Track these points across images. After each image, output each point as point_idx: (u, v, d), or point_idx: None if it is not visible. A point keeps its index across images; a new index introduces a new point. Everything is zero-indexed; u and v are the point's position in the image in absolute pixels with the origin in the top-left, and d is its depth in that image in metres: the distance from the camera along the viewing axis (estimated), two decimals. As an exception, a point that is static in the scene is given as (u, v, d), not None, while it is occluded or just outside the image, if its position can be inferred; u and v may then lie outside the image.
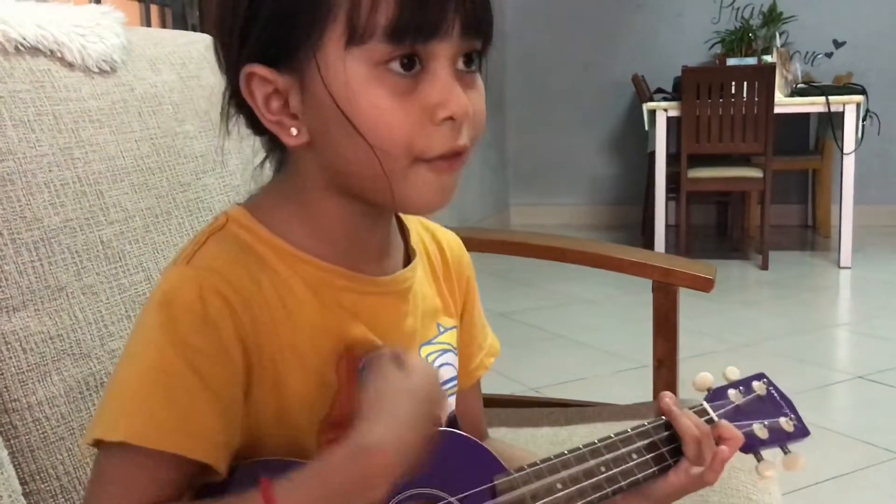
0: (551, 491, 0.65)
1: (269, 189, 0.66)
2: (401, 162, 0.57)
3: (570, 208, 5.71)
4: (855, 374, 2.68)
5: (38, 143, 0.83)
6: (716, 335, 3.04)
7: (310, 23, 0.56)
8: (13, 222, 0.78)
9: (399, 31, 0.54)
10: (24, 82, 0.84)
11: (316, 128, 0.59)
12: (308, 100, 0.58)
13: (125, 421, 0.55)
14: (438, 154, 0.58)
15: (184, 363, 0.55)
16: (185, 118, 1.03)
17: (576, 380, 2.64)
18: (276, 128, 0.60)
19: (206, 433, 0.56)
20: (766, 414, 0.78)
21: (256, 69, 0.58)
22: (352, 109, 0.56)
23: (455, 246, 0.78)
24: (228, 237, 0.62)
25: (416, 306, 0.70)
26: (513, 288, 3.84)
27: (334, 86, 0.56)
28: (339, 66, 0.56)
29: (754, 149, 4.10)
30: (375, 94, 0.56)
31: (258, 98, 0.59)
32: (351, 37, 0.55)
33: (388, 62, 0.56)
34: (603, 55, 5.52)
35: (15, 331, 0.77)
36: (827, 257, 4.42)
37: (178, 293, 0.57)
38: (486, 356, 0.82)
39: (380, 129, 0.56)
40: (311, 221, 0.63)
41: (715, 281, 1.17)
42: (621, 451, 0.69)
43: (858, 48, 5.14)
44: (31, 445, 0.77)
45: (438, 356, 0.71)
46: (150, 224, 0.93)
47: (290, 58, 0.57)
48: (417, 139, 0.57)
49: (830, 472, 1.99)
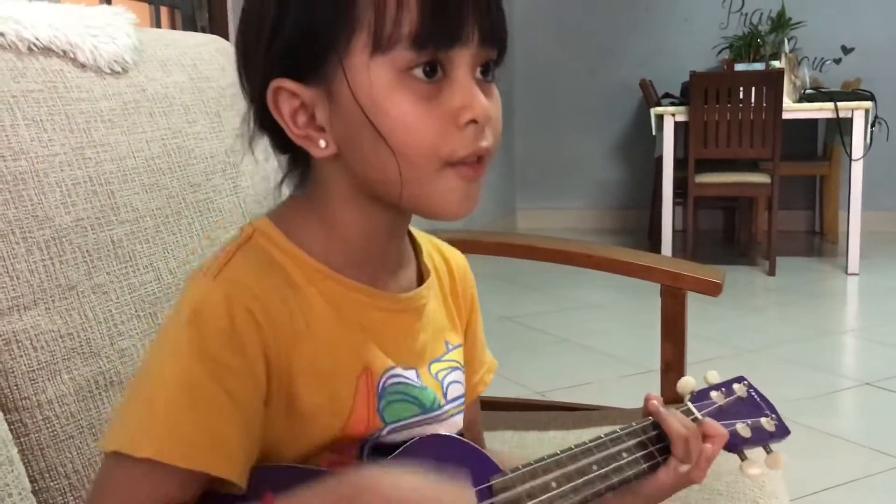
0: (546, 489, 0.66)
1: (293, 202, 0.66)
2: (429, 167, 0.59)
3: (576, 212, 5.71)
4: (862, 381, 2.67)
5: (50, 142, 0.83)
6: (722, 340, 3.03)
7: (336, 33, 0.57)
8: (25, 221, 0.79)
9: (422, 39, 0.56)
10: (36, 82, 0.85)
11: (343, 138, 0.60)
12: (336, 110, 0.59)
13: (152, 437, 0.55)
14: (463, 156, 0.59)
15: (211, 379, 0.55)
16: (195, 119, 1.03)
17: (582, 384, 2.63)
18: (303, 141, 0.61)
19: (232, 450, 0.56)
20: (747, 414, 0.80)
21: (284, 83, 0.59)
22: (379, 116, 0.57)
23: (461, 263, 0.79)
24: (256, 250, 0.62)
25: (427, 324, 0.70)
26: (519, 291, 3.84)
27: (361, 94, 0.57)
28: (364, 74, 0.57)
29: (762, 154, 4.09)
30: (401, 100, 0.57)
31: (285, 113, 0.60)
32: (376, 45, 0.57)
33: (412, 69, 0.57)
34: (610, 60, 5.52)
35: (26, 329, 0.77)
36: (834, 263, 4.41)
37: (207, 308, 0.57)
38: (486, 372, 0.83)
39: (407, 134, 0.58)
40: (332, 234, 0.64)
41: (723, 286, 1.17)
42: (612, 450, 0.71)
43: (867, 54, 5.13)
44: (40, 443, 0.77)
45: (448, 374, 0.72)
46: (160, 224, 0.94)
47: (317, 70, 0.59)
48: (443, 143, 0.58)
49: (838, 478, 1.98)
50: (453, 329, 0.75)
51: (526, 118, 5.69)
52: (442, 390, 0.70)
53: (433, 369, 0.70)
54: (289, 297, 0.61)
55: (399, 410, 0.65)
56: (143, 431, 0.55)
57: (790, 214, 5.15)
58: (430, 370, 0.70)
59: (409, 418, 0.66)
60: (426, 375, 0.69)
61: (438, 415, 0.69)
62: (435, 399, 0.69)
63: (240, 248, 0.62)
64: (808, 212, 5.39)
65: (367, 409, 0.63)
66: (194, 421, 0.55)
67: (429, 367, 0.70)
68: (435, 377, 0.70)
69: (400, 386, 0.66)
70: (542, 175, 5.79)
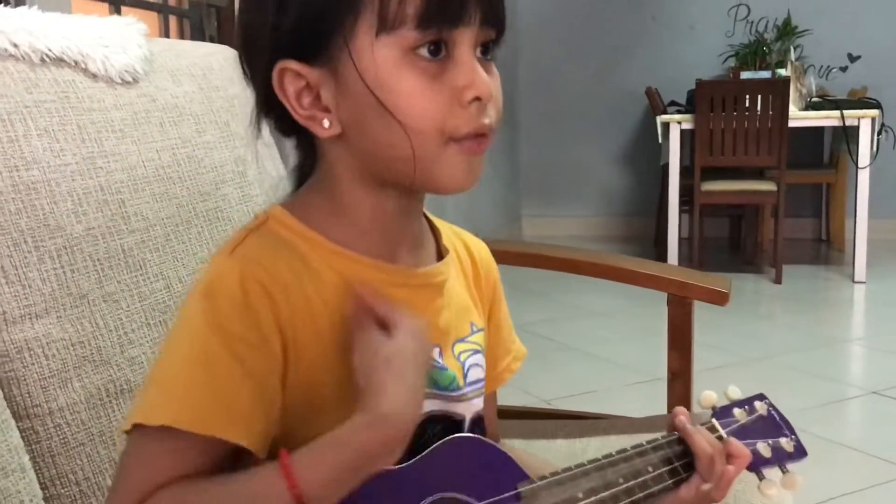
0: (572, 500, 0.66)
1: (305, 188, 0.67)
2: (434, 142, 0.60)
3: (582, 220, 5.70)
4: (869, 390, 2.66)
5: (62, 152, 0.84)
6: (729, 349, 3.03)
7: (341, 13, 0.58)
8: (37, 230, 0.80)
9: (427, 19, 0.58)
10: (49, 93, 0.85)
11: (349, 118, 0.61)
12: (341, 90, 0.60)
13: (168, 405, 0.56)
14: (467, 133, 0.61)
15: (225, 349, 0.57)
16: (205, 129, 1.04)
17: (588, 392, 2.63)
18: (308, 122, 0.62)
19: (248, 418, 0.57)
20: (768, 433, 0.80)
21: (289, 64, 0.60)
22: (385, 94, 0.59)
23: (483, 250, 0.80)
24: (268, 233, 0.63)
25: (450, 301, 0.71)
26: (525, 299, 3.84)
27: (367, 73, 0.59)
28: (369, 54, 0.59)
29: (768, 162, 4.09)
30: (407, 77, 0.59)
31: (290, 94, 0.61)
32: (382, 25, 0.58)
33: (417, 48, 0.59)
34: (616, 67, 5.53)
35: (38, 337, 0.78)
36: (841, 272, 4.40)
37: (221, 281, 0.59)
38: (513, 360, 0.84)
39: (413, 111, 0.59)
40: (344, 215, 0.65)
41: (730, 294, 1.17)
42: (637, 463, 0.71)
43: (873, 62, 5.12)
44: (51, 451, 0.78)
45: (470, 355, 0.72)
46: (170, 233, 0.94)
47: (322, 51, 0.60)
48: (448, 119, 0.60)
49: (844, 488, 1.97)
50: (477, 311, 0.76)
51: (532, 125, 5.70)
52: (462, 371, 0.71)
53: (456, 349, 0.71)
54: (303, 275, 0.62)
55: None
56: (159, 401, 0.57)
57: (796, 222, 5.14)
58: (453, 350, 0.70)
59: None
60: (448, 355, 0.70)
61: (457, 395, 0.69)
62: (454, 380, 0.69)
63: (252, 231, 0.63)
64: (814, 220, 5.38)
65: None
66: (209, 388, 0.56)
67: (452, 346, 0.70)
68: (457, 358, 0.71)
69: None
70: (547, 182, 5.79)
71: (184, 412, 0.55)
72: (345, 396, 0.62)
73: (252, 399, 0.57)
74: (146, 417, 0.56)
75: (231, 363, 0.57)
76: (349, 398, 0.62)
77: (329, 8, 0.58)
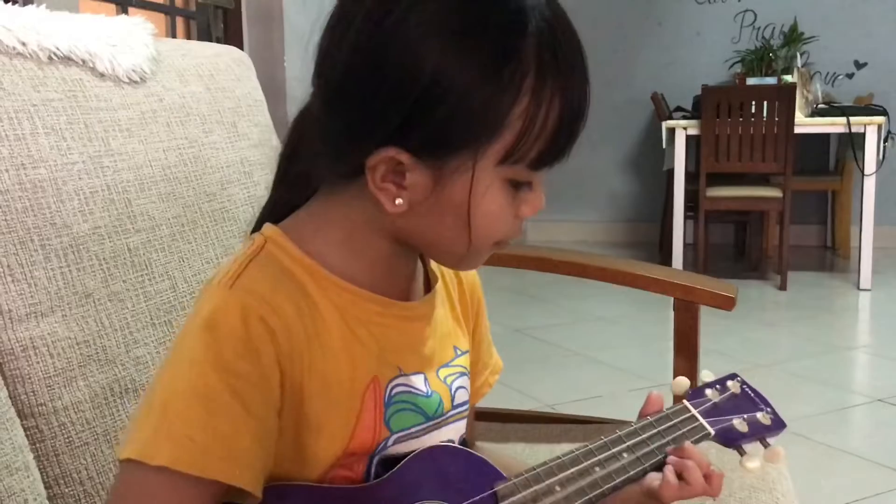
0: (550, 493, 0.66)
1: (310, 212, 0.66)
2: (484, 248, 0.64)
3: (587, 225, 5.70)
4: (874, 397, 2.65)
5: (69, 151, 0.84)
6: (733, 355, 3.02)
7: (484, 134, 0.58)
8: (44, 229, 0.80)
9: (542, 162, 0.61)
10: (56, 91, 0.85)
11: (423, 208, 0.61)
12: (437, 191, 0.60)
13: (168, 445, 0.55)
14: (509, 239, 0.65)
15: (226, 388, 0.56)
16: (211, 129, 1.04)
17: (591, 397, 2.62)
18: (379, 192, 0.60)
19: (247, 459, 0.57)
20: (743, 409, 0.80)
21: (400, 156, 0.58)
22: (473, 210, 0.61)
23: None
24: (269, 260, 0.62)
25: (435, 329, 0.71)
26: (529, 304, 3.83)
27: (473, 192, 0.60)
28: (484, 178, 0.59)
29: (773, 168, 4.08)
30: (493, 201, 0.61)
31: (378, 173, 0.60)
32: (506, 156, 0.59)
33: (514, 181, 0.61)
34: (622, 73, 5.53)
35: (43, 336, 0.78)
36: (846, 279, 4.39)
37: (223, 317, 0.57)
38: (490, 374, 0.84)
39: (488, 229, 0.62)
40: (354, 252, 0.64)
41: (736, 300, 1.16)
42: (612, 451, 0.71)
43: (880, 69, 5.11)
44: (56, 450, 0.77)
45: (456, 378, 0.72)
46: (176, 233, 0.94)
47: (443, 156, 0.59)
48: (505, 234, 0.64)
49: (848, 495, 1.96)
50: (462, 334, 0.76)
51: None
52: (450, 394, 0.71)
53: (441, 374, 0.71)
54: (302, 306, 0.61)
55: (405, 419, 0.66)
56: (158, 439, 0.55)
57: (802, 229, 5.13)
58: (438, 374, 0.70)
59: (413, 427, 0.67)
60: (434, 380, 0.70)
61: (442, 420, 0.70)
62: (440, 405, 0.69)
63: (253, 258, 0.62)
64: (819, 226, 5.37)
65: (374, 418, 0.64)
66: (209, 429, 0.55)
67: (437, 371, 0.70)
68: (443, 381, 0.71)
69: (406, 395, 0.66)
70: (552, 187, 5.71)
71: (183, 454, 0.55)
72: (331, 431, 0.62)
73: (251, 439, 0.57)
74: (144, 455, 0.55)
75: (231, 402, 0.56)
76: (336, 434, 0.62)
77: (475, 124, 0.58)
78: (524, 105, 0.58)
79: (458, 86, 0.56)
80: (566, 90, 0.59)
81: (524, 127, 0.58)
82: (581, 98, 0.60)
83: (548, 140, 0.59)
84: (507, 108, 0.57)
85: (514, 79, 0.57)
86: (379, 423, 0.64)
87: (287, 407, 0.60)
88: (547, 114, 0.58)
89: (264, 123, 1.16)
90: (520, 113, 0.58)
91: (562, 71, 0.59)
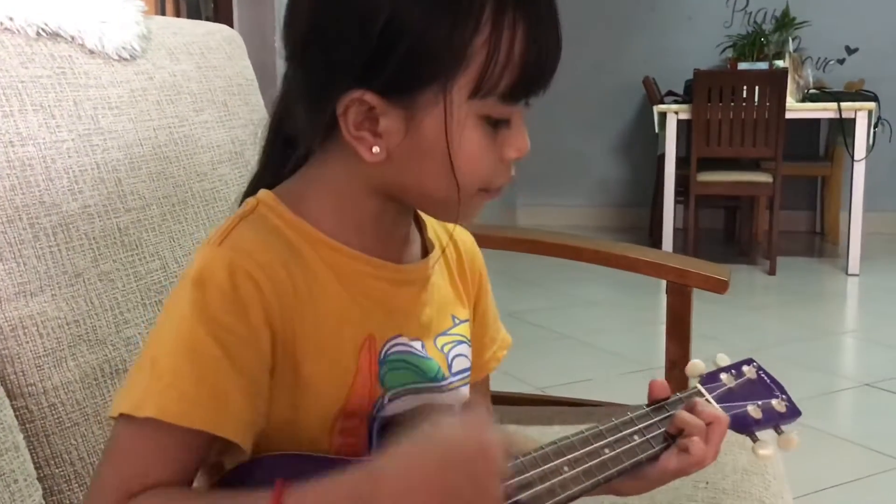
0: (558, 472, 0.65)
1: (301, 176, 0.66)
2: (471, 194, 0.63)
3: (577, 210, 5.70)
4: (862, 382, 2.67)
5: (57, 128, 0.83)
6: (722, 339, 3.03)
7: (448, 63, 0.58)
8: (32, 207, 0.79)
9: (515, 94, 0.60)
10: (45, 68, 0.84)
11: (402, 154, 0.61)
12: (411, 132, 0.60)
13: (155, 397, 0.56)
14: (499, 186, 0.64)
15: (214, 341, 0.56)
16: (202, 108, 1.03)
17: (583, 381, 2.63)
18: (354, 141, 0.61)
19: (234, 411, 0.57)
20: (758, 395, 0.79)
21: (368, 97, 0.59)
22: (452, 151, 0.60)
23: (468, 241, 0.80)
24: (260, 220, 0.63)
25: (432, 297, 0.71)
26: (520, 288, 3.84)
27: (448, 129, 0.59)
28: (457, 112, 0.59)
29: (764, 153, 4.09)
30: (473, 140, 0.60)
31: (350, 118, 0.60)
32: (476, 89, 0.59)
33: (488, 117, 0.60)
34: (614, 57, 5.51)
35: (32, 315, 0.77)
36: (835, 264, 4.41)
37: (210, 273, 0.58)
38: (498, 349, 0.84)
39: (469, 170, 0.61)
40: (344, 212, 0.65)
41: (729, 283, 1.16)
42: (623, 433, 0.70)
43: (871, 55, 5.11)
44: (45, 430, 0.77)
45: (453, 346, 0.72)
46: (166, 213, 0.93)
47: (410, 92, 0.59)
48: (492, 176, 0.63)
49: (836, 478, 1.98)
50: (460, 304, 0.76)
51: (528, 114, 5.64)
52: (447, 362, 0.71)
53: (439, 342, 0.71)
54: (292, 264, 0.61)
55: (400, 377, 0.66)
56: (146, 392, 0.56)
57: (791, 214, 5.14)
58: (435, 343, 0.70)
59: (408, 384, 0.66)
60: (431, 348, 0.70)
61: (442, 385, 0.69)
62: (439, 370, 0.69)
63: (243, 218, 0.63)
64: (809, 212, 5.38)
65: (370, 375, 0.64)
66: (196, 380, 0.56)
67: (434, 339, 0.70)
68: (440, 350, 0.71)
69: (403, 354, 0.66)
70: (543, 172, 5.77)
71: (171, 405, 0.55)
72: (327, 392, 0.62)
73: (239, 391, 0.57)
74: (132, 408, 0.56)
75: (218, 354, 0.56)
76: (332, 394, 0.62)
77: (440, 53, 0.57)
78: (486, 34, 0.57)
79: (416, 19, 0.57)
80: (529, 17, 0.59)
81: (488, 56, 0.58)
82: (548, 26, 0.60)
83: (516, 70, 0.59)
84: (468, 38, 0.57)
85: (472, 8, 0.57)
86: (374, 381, 0.64)
87: (280, 367, 0.60)
88: (511, 42, 0.58)
89: (255, 102, 1.15)
90: (482, 42, 0.58)
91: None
